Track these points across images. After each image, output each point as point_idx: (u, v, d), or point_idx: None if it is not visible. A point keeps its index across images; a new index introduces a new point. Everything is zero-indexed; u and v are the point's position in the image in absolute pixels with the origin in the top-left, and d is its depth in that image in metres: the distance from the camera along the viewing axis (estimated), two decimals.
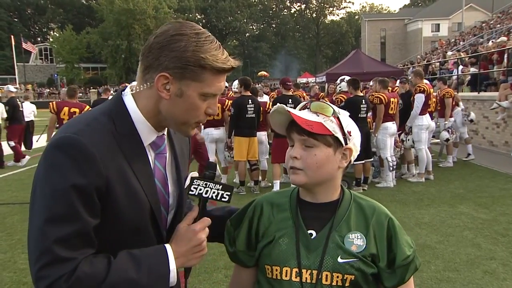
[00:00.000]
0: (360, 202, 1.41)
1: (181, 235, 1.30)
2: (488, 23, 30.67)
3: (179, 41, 1.20)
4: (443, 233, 5.50)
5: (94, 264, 1.15)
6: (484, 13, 47.25)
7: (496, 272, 4.38)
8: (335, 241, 1.33)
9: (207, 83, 1.24)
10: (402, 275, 1.34)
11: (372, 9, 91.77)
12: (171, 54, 1.20)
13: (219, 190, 1.35)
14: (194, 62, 1.20)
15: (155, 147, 1.34)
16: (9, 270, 4.67)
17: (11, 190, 8.42)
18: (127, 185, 1.22)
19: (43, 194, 1.15)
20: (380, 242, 1.35)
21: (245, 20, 74.12)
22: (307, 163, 1.32)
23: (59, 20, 72.43)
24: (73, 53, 59.38)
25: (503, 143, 11.54)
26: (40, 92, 49.14)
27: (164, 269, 1.23)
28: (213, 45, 1.24)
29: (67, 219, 1.13)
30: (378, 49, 61.82)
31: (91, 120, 1.24)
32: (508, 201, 6.88)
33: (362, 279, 1.31)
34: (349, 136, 1.35)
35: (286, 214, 1.39)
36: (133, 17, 55.50)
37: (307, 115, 1.33)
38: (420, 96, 8.22)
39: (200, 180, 1.34)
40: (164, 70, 1.21)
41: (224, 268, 4.53)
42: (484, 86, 13.83)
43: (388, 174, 8.02)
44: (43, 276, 1.11)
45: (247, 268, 1.45)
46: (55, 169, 1.14)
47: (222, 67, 1.25)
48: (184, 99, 1.24)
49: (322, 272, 1.30)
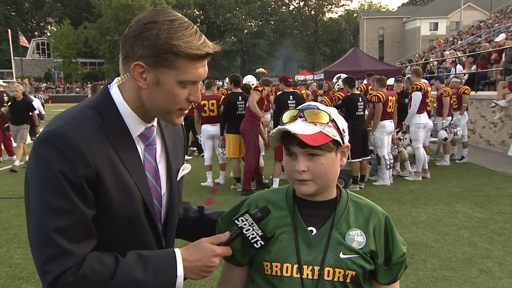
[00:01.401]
0: (357, 201, 1.43)
1: (200, 248, 1.29)
2: (486, 22, 30.73)
3: (151, 29, 1.19)
4: (439, 232, 5.51)
5: (102, 262, 1.15)
6: (482, 12, 47.42)
7: (492, 270, 4.39)
8: (336, 237, 1.34)
9: (182, 70, 1.22)
10: (396, 271, 1.38)
11: (370, 7, 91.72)
12: (144, 43, 1.19)
13: (258, 236, 1.33)
14: (167, 50, 1.19)
15: (144, 138, 1.33)
16: (4, 264, 4.66)
17: (7, 184, 8.40)
18: (117, 175, 1.21)
19: (36, 188, 1.15)
20: (378, 239, 1.37)
21: (244, 16, 73.95)
22: (315, 174, 1.31)
23: (57, 14, 72.07)
24: (70, 48, 59.14)
25: (500, 142, 11.57)
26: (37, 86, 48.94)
27: (172, 274, 1.22)
28: (187, 31, 1.21)
29: (63, 210, 1.13)
30: (376, 47, 61.88)
31: (77, 113, 1.23)
32: (504, 200, 6.90)
33: (362, 275, 1.33)
34: (344, 134, 1.36)
35: (283, 212, 1.39)
36: (131, 12, 55.25)
37: (306, 128, 1.31)
38: (417, 94, 8.22)
39: (251, 218, 1.32)
40: (139, 58, 1.20)
41: (221, 265, 4.50)
42: (481, 85, 13.87)
43: (385, 172, 8.03)
44: (47, 270, 1.11)
45: (239, 267, 1.44)
46: (44, 163, 1.15)
47: (196, 53, 1.21)
48: (161, 87, 1.23)
49: (324, 268, 1.31)
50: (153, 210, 1.31)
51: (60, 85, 55.84)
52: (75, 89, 53.26)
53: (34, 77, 57.95)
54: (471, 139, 12.16)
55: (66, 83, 57.27)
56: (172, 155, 1.42)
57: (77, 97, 40.78)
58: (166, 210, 1.38)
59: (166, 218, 1.37)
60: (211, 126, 8.14)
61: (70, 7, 71.93)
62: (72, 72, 60.68)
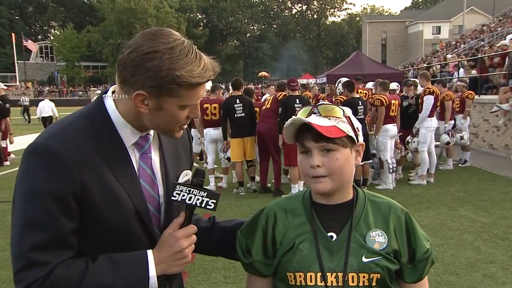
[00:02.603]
0: (375, 200, 1.41)
1: (163, 241, 1.29)
2: (489, 26, 30.72)
3: (153, 59, 1.17)
4: (442, 236, 5.49)
5: (70, 268, 1.17)
6: (485, 16, 47.37)
7: (496, 276, 4.36)
8: (357, 241, 1.32)
9: (185, 98, 1.23)
10: (422, 269, 1.36)
11: (373, 11, 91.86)
12: (146, 74, 1.18)
13: (203, 197, 1.30)
14: (170, 81, 1.18)
15: (139, 147, 1.33)
16: (6, 268, 4.65)
17: (10, 188, 8.40)
18: (106, 187, 1.22)
19: (20, 200, 1.18)
20: (400, 237, 1.35)
21: (246, 20, 74.16)
22: (331, 169, 1.30)
23: (60, 18, 72.46)
24: (73, 51, 59.41)
25: (503, 146, 11.53)
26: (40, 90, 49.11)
27: (144, 275, 1.22)
28: (188, 58, 1.20)
29: (42, 224, 1.15)
30: (379, 51, 61.88)
31: (67, 124, 1.24)
32: (508, 204, 6.87)
33: (387, 276, 1.31)
34: (358, 132, 1.35)
35: (302, 219, 1.37)
36: (134, 16, 55.53)
37: (321, 121, 1.30)
38: (429, 97, 8.18)
39: (182, 186, 1.31)
40: (140, 88, 1.20)
41: (222, 269, 4.51)
42: (484, 89, 13.84)
43: (388, 176, 8.01)
44: (19, 279, 1.16)
45: (263, 278, 1.41)
46: (29, 175, 1.17)
47: (198, 82, 1.22)
48: (164, 112, 1.24)
49: (348, 274, 1.29)
50: (148, 219, 1.30)
51: (63, 88, 56.01)
52: (78, 92, 53.45)
53: (38, 81, 58.13)
54: (474, 143, 12.12)
55: (69, 87, 57.46)
56: (170, 162, 1.41)
57: (80, 101, 40.90)
58: (166, 217, 1.38)
59: (165, 225, 1.37)
60: (213, 130, 8.14)
61: (74, 11, 72.23)
62: (75, 76, 60.90)
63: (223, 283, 4.25)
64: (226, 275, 4.40)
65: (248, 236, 1.41)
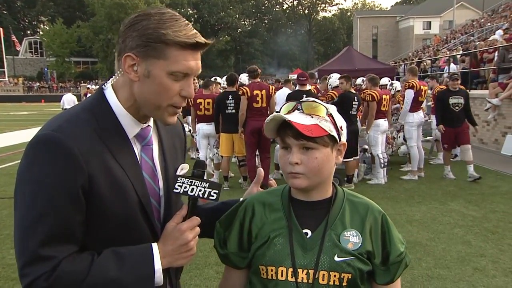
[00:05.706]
0: (353, 200, 1.40)
1: (168, 234, 1.28)
2: (479, 21, 30.91)
3: (141, 20, 1.21)
4: (434, 230, 5.53)
5: (76, 263, 1.16)
6: (475, 12, 47.73)
7: (486, 269, 4.41)
8: (331, 239, 1.31)
9: (173, 60, 1.21)
10: (394, 271, 1.35)
11: (364, 6, 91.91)
12: (134, 34, 1.20)
13: (206, 188, 1.31)
14: (155, 38, 1.19)
15: (140, 139, 1.33)
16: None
17: (0, 184, 8.35)
18: (113, 178, 1.21)
19: (24, 192, 1.15)
20: (375, 238, 1.34)
21: (237, 15, 73.84)
22: (309, 168, 1.29)
23: (50, 13, 71.66)
24: (63, 47, 58.88)
25: (493, 140, 11.62)
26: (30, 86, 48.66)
27: (149, 269, 1.22)
28: (178, 23, 1.22)
29: (50, 217, 1.13)
30: (370, 46, 62.05)
31: (72, 116, 1.23)
32: (498, 198, 6.93)
33: (359, 277, 1.30)
34: (341, 131, 1.34)
35: (279, 214, 1.37)
36: (125, 11, 55.02)
37: (302, 119, 1.29)
38: (409, 92, 8.23)
39: (184, 177, 1.31)
40: (129, 50, 1.21)
41: (215, 264, 4.51)
42: (474, 84, 13.92)
43: (379, 171, 8.04)
44: (25, 274, 1.13)
45: (238, 270, 1.42)
46: (35, 166, 1.14)
47: (185, 41, 1.20)
48: (152, 79, 1.22)
49: (319, 272, 1.29)
50: (150, 211, 1.30)
51: (53, 84, 55.54)
52: (69, 88, 53.04)
53: (27, 76, 57.61)
54: None
55: (59, 82, 56.99)
56: (169, 155, 1.41)
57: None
58: (165, 210, 1.38)
59: (165, 218, 1.37)
60: (206, 125, 8.13)
61: (63, 6, 71.44)
62: (65, 71, 60.43)
63: (215, 278, 4.25)
64: (219, 270, 4.39)
65: (226, 228, 1.42)
